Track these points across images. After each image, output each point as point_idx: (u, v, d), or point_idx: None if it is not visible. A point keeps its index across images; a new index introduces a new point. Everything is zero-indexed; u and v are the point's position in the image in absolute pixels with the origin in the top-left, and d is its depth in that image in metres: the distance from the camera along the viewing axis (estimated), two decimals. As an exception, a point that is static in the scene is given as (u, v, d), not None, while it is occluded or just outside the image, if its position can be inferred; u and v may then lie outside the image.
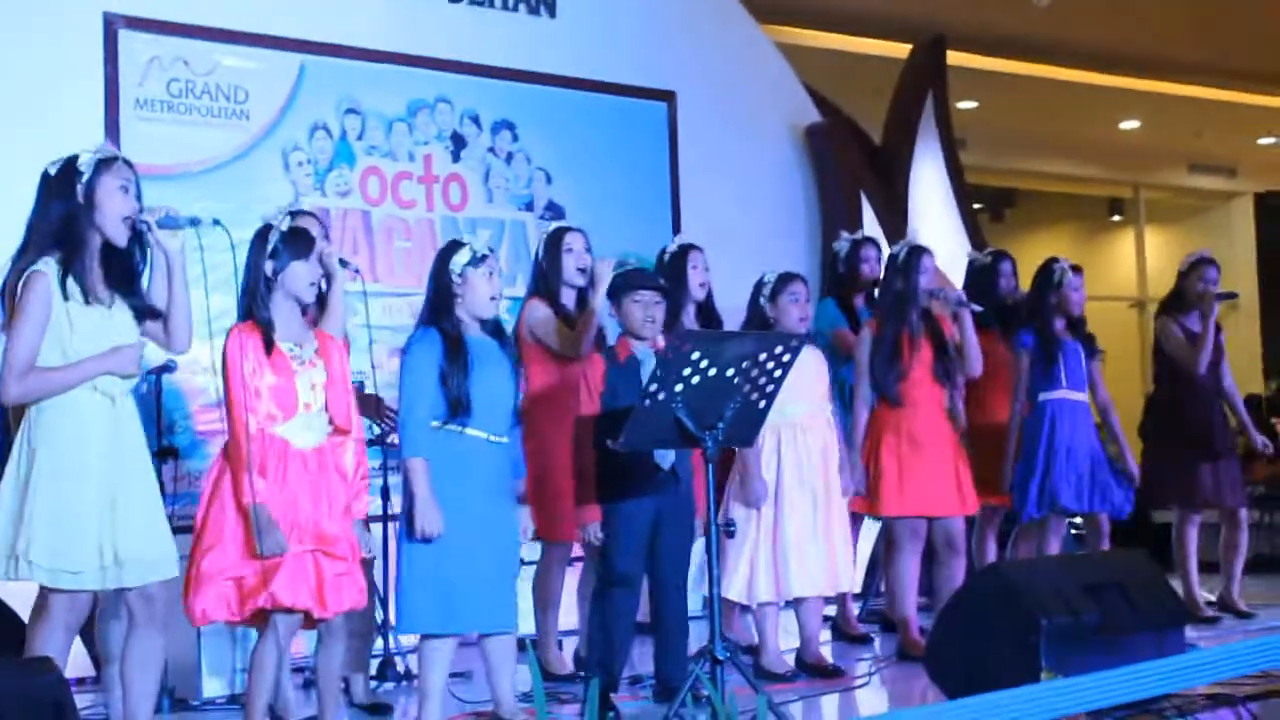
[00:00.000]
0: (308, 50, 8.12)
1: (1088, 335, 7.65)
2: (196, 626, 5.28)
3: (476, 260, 5.44)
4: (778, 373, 5.24)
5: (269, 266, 5.10)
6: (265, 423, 5.01)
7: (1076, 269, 7.66)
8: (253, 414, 4.97)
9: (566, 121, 9.03)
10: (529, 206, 8.86)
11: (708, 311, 7.12)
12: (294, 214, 5.72)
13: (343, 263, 5.69)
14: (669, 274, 6.92)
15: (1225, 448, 8.11)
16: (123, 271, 4.83)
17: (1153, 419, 8.40)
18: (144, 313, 4.85)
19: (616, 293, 6.01)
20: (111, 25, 7.51)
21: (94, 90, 7.43)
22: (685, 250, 7.10)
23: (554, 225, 6.95)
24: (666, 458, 5.81)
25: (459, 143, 8.64)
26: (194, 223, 4.91)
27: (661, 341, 5.98)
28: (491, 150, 8.76)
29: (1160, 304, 8.40)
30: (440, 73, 8.58)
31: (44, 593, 4.72)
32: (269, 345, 5.06)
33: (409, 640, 6.97)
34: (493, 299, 5.46)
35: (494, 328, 5.54)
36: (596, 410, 5.81)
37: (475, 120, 8.71)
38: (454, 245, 5.52)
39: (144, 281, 4.93)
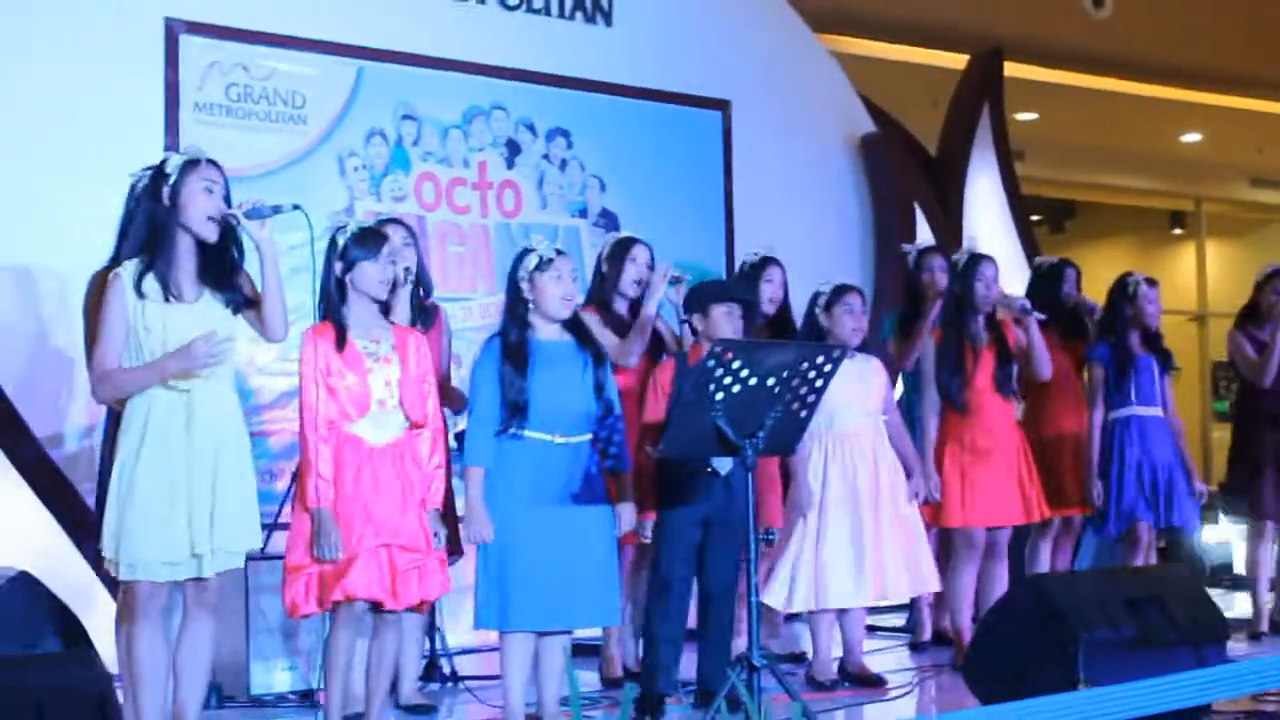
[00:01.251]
0: (365, 56, 8.21)
1: (1163, 350, 7.61)
2: (293, 619, 5.44)
3: (543, 264, 5.53)
4: (819, 382, 5.25)
5: (339, 268, 5.22)
6: (340, 420, 5.12)
7: (1151, 282, 7.61)
8: (326, 414, 5.09)
9: (621, 129, 9.09)
10: (583, 213, 8.92)
11: (780, 326, 7.12)
12: (383, 222, 5.83)
13: (276, 210, 5.06)
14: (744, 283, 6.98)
15: None
16: (218, 266, 4.95)
17: (1235, 433, 8.38)
18: (240, 304, 4.98)
19: (703, 300, 6.06)
20: (172, 30, 7.61)
21: (154, 94, 7.55)
22: (764, 263, 7.17)
23: (623, 234, 6.97)
24: (725, 464, 5.85)
25: (514, 149, 8.71)
26: (277, 210, 5.00)
27: None
28: (546, 157, 8.82)
29: (1236, 317, 8.30)
30: (496, 80, 8.66)
31: (123, 587, 4.91)
32: (341, 343, 5.15)
33: (456, 641, 7.05)
34: (564, 299, 5.54)
35: (573, 327, 5.61)
36: (662, 414, 5.83)
37: (530, 127, 8.78)
38: (524, 252, 5.63)
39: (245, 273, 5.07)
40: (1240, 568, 10.55)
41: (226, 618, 6.30)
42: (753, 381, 5.09)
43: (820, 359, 5.23)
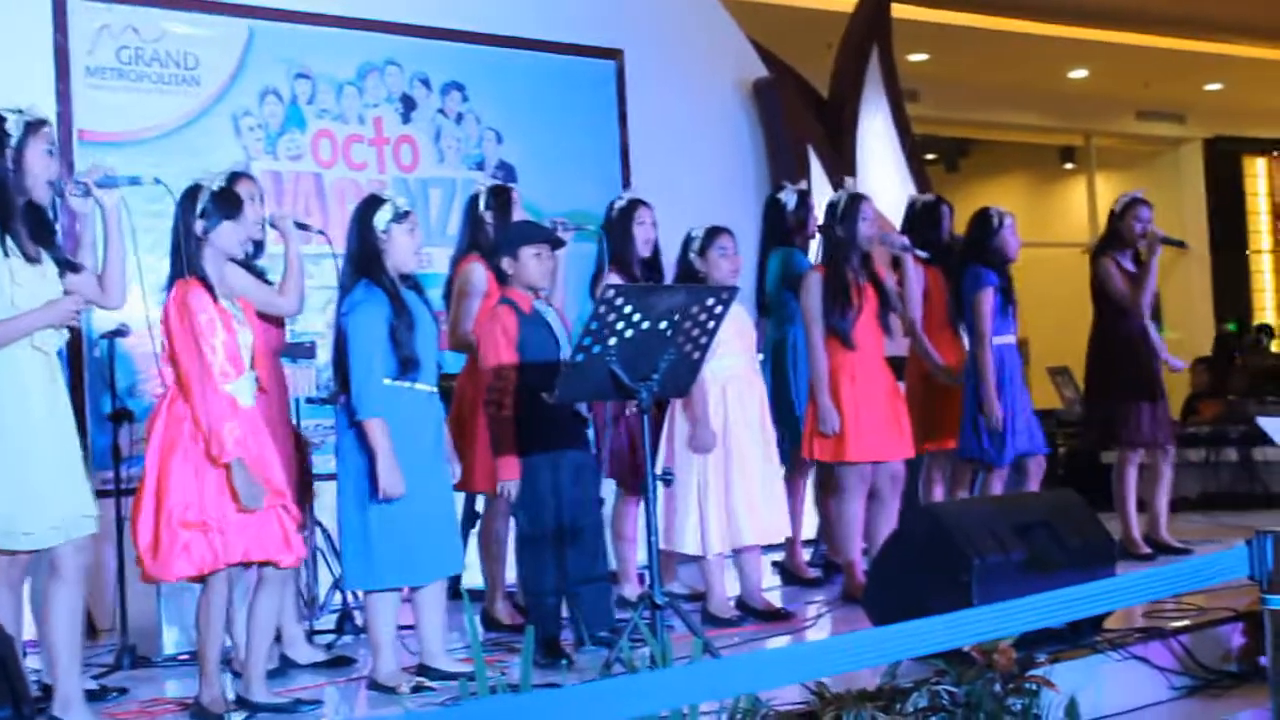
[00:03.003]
0: (256, 15, 8.20)
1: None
2: (167, 582, 5.29)
3: (400, 216, 5.50)
4: (710, 324, 5.36)
5: (199, 226, 5.07)
6: (220, 379, 5.00)
7: (1011, 214, 7.73)
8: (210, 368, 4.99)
9: (516, 81, 9.13)
10: (480, 166, 8.96)
11: (653, 268, 7.18)
12: (232, 176, 5.81)
13: (301, 225, 5.80)
14: (615, 228, 7.00)
15: (1160, 388, 8.22)
16: (42, 229, 4.90)
17: (1095, 361, 8.41)
18: (64, 267, 4.92)
19: (513, 243, 5.95)
20: (60, -6, 7.57)
21: (44, 59, 7.50)
22: (633, 205, 7.08)
23: (496, 183, 6.97)
24: (584, 407, 5.97)
25: (409, 104, 8.74)
26: (134, 181, 5.02)
27: (557, 297, 6.20)
28: (441, 111, 8.86)
29: (1097, 245, 8.39)
30: (389, 35, 8.68)
31: None
32: (214, 299, 5.07)
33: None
34: (416, 253, 5.58)
35: (413, 282, 5.62)
36: (515, 359, 5.80)
37: (425, 82, 8.82)
38: (374, 201, 5.57)
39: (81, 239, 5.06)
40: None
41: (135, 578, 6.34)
42: (645, 325, 5.19)
43: (710, 300, 5.33)
